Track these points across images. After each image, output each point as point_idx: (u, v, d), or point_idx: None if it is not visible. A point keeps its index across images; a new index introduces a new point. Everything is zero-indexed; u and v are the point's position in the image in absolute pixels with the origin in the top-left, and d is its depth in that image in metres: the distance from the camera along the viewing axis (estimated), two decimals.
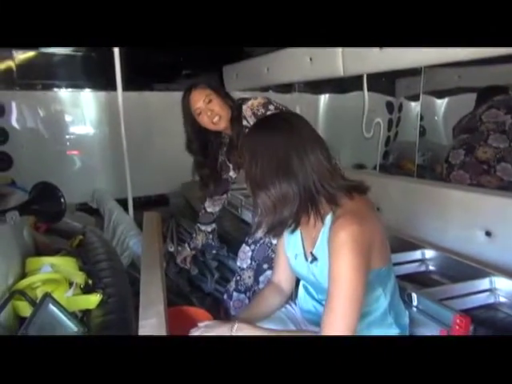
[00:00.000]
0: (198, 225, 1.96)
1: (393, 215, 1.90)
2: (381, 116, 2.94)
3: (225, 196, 1.93)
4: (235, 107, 1.61)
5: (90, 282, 1.40)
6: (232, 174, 1.83)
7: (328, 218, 0.99)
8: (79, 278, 1.36)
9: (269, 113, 1.53)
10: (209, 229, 1.96)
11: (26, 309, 1.14)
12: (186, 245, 1.99)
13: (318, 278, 1.04)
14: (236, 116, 1.60)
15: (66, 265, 1.40)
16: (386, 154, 3.39)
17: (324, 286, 0.97)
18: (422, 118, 2.76)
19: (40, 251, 1.61)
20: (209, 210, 1.93)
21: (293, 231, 1.04)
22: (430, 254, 1.63)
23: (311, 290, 1.15)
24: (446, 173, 2.21)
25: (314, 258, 1.05)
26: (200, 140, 1.69)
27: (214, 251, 2.14)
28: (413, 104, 3.47)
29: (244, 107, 1.60)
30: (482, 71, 2.42)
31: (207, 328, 1.04)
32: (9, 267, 1.25)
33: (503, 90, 2.27)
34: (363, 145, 3.00)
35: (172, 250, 2.30)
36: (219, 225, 2.08)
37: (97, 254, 1.72)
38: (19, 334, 1.03)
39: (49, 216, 1.67)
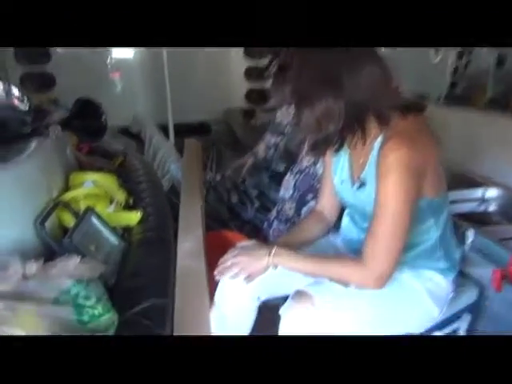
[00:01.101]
0: (266, 133, 2.00)
1: (454, 149, 1.78)
2: None
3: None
4: None
5: (131, 200, 1.48)
6: None
7: (378, 141, 0.96)
8: (120, 195, 1.43)
9: None
10: (272, 141, 1.98)
11: (69, 219, 1.23)
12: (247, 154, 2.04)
13: (365, 204, 1.03)
14: None
15: (107, 181, 1.46)
16: (454, 85, 3.14)
17: (371, 213, 0.95)
18: None
19: (83, 169, 1.69)
20: (278, 119, 1.95)
21: (337, 151, 1.02)
22: (492, 192, 1.55)
23: (357, 217, 1.15)
24: None
25: (362, 184, 1.03)
26: None
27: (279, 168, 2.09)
28: None
29: None
30: None
31: (244, 249, 1.07)
32: (51, 179, 1.32)
33: None
34: (428, 72, 2.79)
35: (210, 179, 2.35)
36: None
37: (138, 176, 1.78)
38: (64, 241, 1.12)
39: (90, 133, 1.73)
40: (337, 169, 1.13)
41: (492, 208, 1.55)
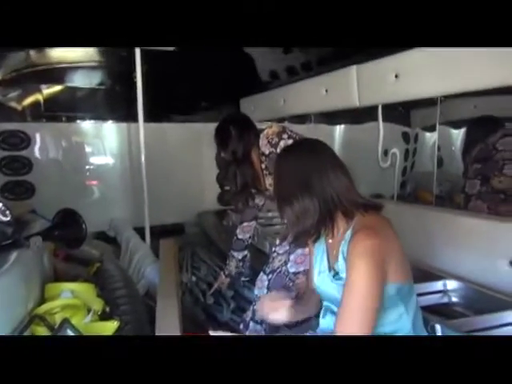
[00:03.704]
0: (231, 251, 2.03)
1: (412, 245, 1.86)
2: (397, 146, 2.95)
3: (253, 223, 2.01)
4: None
5: (108, 308, 1.41)
6: (257, 200, 1.93)
7: (347, 234, 1.05)
8: (97, 304, 1.38)
9: (282, 142, 1.66)
10: (240, 256, 2.01)
11: (44, 334, 1.15)
12: (222, 272, 2.06)
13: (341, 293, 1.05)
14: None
15: (84, 291, 1.42)
16: (404, 184, 3.37)
17: None
18: (439, 149, 2.75)
19: (58, 277, 1.64)
20: (239, 236, 2.00)
21: (315, 241, 1.15)
22: (452, 284, 1.59)
23: (335, 309, 1.14)
24: (463, 203, 2.18)
25: (336, 273, 1.09)
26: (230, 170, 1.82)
27: (246, 278, 2.16)
28: (428, 134, 3.47)
29: (261, 136, 1.74)
30: (497, 101, 2.43)
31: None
32: (29, 292, 1.27)
33: (495, 121, 2.28)
34: (380, 175, 2.99)
35: (186, 281, 2.30)
36: None
37: (114, 282, 1.74)
38: None
39: (70, 242, 1.69)
40: (316, 261, 1.20)
41: (454, 299, 1.58)
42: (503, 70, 1.48)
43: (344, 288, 0.99)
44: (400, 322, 1.05)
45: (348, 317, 0.96)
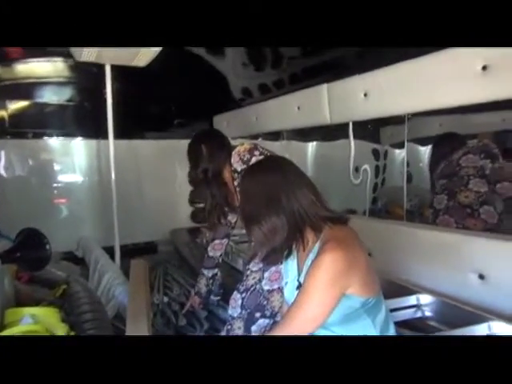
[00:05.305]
0: (202, 269, 2.00)
1: (384, 259, 1.88)
2: (368, 163, 3.01)
3: (225, 240, 1.99)
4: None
5: (73, 333, 1.34)
6: (230, 218, 1.91)
7: (316, 246, 1.06)
8: (61, 329, 1.30)
9: (254, 158, 1.66)
10: (210, 274, 1.98)
11: None
12: (192, 291, 2.03)
13: None
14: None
15: (47, 316, 1.34)
16: (375, 199, 3.43)
17: None
18: (407, 165, 2.83)
19: (21, 301, 1.54)
20: (210, 254, 1.98)
21: (287, 258, 1.15)
22: (425, 299, 1.60)
23: None
24: (432, 218, 2.23)
25: (300, 284, 1.10)
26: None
27: (216, 297, 2.13)
28: (397, 151, 3.57)
29: (232, 153, 1.73)
30: (460, 119, 2.53)
31: None
32: None
33: (458, 138, 2.38)
34: (352, 191, 3.04)
35: (158, 302, 2.23)
36: None
37: (81, 305, 1.65)
38: None
39: (33, 264, 1.60)
40: (286, 272, 1.21)
41: (428, 314, 1.58)
42: (467, 88, 1.54)
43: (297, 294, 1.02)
44: (366, 333, 1.05)
45: (292, 315, 1.02)
